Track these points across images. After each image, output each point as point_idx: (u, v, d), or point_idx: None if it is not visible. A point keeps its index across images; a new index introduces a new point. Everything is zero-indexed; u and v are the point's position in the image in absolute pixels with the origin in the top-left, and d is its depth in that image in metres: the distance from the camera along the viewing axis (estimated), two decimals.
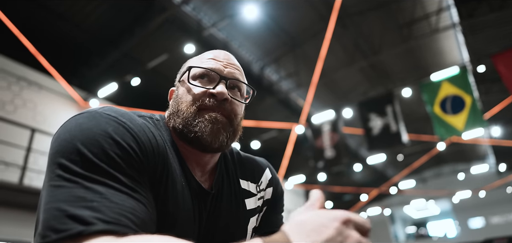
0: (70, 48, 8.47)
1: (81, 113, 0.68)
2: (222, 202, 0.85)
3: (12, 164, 6.65)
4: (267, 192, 0.99)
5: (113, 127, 0.65)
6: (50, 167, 0.60)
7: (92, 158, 0.59)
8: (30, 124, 7.28)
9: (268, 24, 8.88)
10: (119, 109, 0.71)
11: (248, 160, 1.00)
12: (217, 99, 0.80)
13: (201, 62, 0.87)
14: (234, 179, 0.92)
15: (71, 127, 0.64)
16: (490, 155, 17.48)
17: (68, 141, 0.61)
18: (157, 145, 0.72)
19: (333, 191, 18.79)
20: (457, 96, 7.93)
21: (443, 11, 8.75)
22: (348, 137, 14.11)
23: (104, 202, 0.54)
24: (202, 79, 0.84)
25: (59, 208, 0.53)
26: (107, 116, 0.66)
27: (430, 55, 10.56)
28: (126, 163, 0.62)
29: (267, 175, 1.00)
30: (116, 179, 0.59)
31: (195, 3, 7.98)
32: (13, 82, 7.54)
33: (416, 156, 16.05)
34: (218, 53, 0.90)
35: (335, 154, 9.21)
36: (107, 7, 7.63)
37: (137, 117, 0.74)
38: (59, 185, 0.56)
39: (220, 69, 0.85)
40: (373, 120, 8.83)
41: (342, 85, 11.64)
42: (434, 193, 20.35)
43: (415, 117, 12.78)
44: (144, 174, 0.66)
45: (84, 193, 0.54)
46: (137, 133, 0.68)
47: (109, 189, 0.56)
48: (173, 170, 0.75)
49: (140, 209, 0.58)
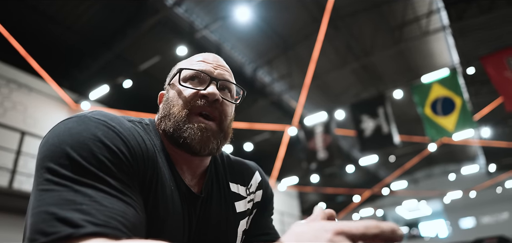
0: (61, 50, 8.38)
1: (70, 117, 0.68)
2: (211, 205, 0.85)
3: (2, 168, 6.55)
4: (257, 195, 0.99)
5: (103, 131, 0.64)
6: (39, 172, 0.60)
7: (82, 162, 0.58)
8: (20, 127, 7.18)
9: (261, 26, 8.90)
10: (108, 113, 0.71)
11: (238, 163, 1.00)
12: (209, 100, 0.81)
13: (191, 65, 0.87)
14: (224, 183, 0.92)
15: (60, 131, 0.64)
16: (480, 155, 17.72)
17: (56, 145, 0.61)
18: (146, 150, 0.72)
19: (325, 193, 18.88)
20: (447, 98, 8.04)
21: (433, 13, 8.86)
22: (341, 138, 14.19)
23: (94, 205, 0.53)
24: (193, 81, 0.84)
25: (48, 211, 0.52)
26: (96, 120, 0.66)
27: (421, 57, 10.68)
28: (116, 167, 0.62)
29: (256, 178, 1.00)
30: (106, 182, 0.58)
31: (188, 5, 7.96)
32: (2, 84, 7.44)
33: (407, 157, 16.20)
34: (208, 56, 0.90)
35: (328, 155, 9.26)
36: (99, 9, 7.58)
37: (126, 121, 0.74)
38: (47, 189, 0.56)
39: (210, 70, 0.85)
40: (365, 121, 8.90)
41: (334, 87, 11.71)
42: (425, 194, 20.56)
43: (407, 119, 12.91)
44: (134, 178, 0.65)
45: (74, 196, 0.54)
46: (127, 137, 0.68)
47: (99, 193, 0.56)
48: (162, 174, 0.75)
49: (130, 213, 0.58)
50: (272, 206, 1.06)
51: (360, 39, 9.62)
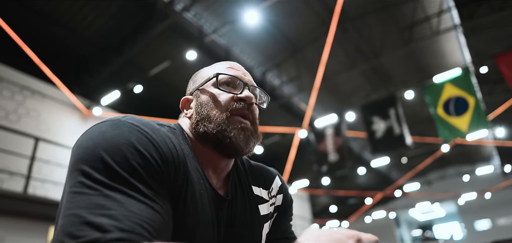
0: (73, 57, 8.53)
1: (104, 121, 0.69)
2: (237, 208, 0.87)
3: (16, 173, 6.68)
4: (278, 199, 1.01)
5: (136, 137, 0.66)
6: (72, 174, 0.61)
7: (115, 167, 0.60)
8: (34, 133, 7.31)
9: (269, 30, 8.91)
10: (141, 119, 0.73)
11: (258, 167, 1.03)
12: (246, 102, 0.85)
13: (223, 71, 0.91)
14: (247, 186, 0.94)
15: (94, 135, 0.65)
16: (495, 156, 17.38)
17: (91, 148, 0.62)
18: (177, 155, 0.73)
19: (337, 195, 18.72)
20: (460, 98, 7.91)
21: (443, 13, 8.75)
22: (352, 140, 14.07)
23: (123, 210, 0.55)
24: (227, 85, 0.88)
25: (78, 214, 0.54)
26: (130, 125, 0.68)
27: (432, 57, 10.55)
28: (147, 173, 0.63)
29: (277, 182, 1.03)
30: (136, 188, 0.60)
31: (196, 10, 8.02)
32: (16, 91, 7.60)
33: (420, 159, 15.98)
34: (233, 63, 0.95)
35: (339, 157, 9.19)
36: (109, 16, 7.69)
37: (157, 126, 0.75)
38: (80, 191, 0.57)
39: (241, 76, 0.91)
40: (376, 123, 8.82)
41: (344, 89, 11.63)
42: (439, 196, 20.23)
43: (418, 119, 12.74)
44: (164, 184, 0.67)
45: (104, 201, 0.55)
46: (159, 143, 0.69)
47: (128, 198, 0.57)
48: (192, 179, 0.76)
49: (158, 220, 0.59)
50: (292, 211, 1.08)
51: (370, 41, 9.55)
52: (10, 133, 6.69)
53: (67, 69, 8.43)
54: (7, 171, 6.69)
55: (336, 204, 20.41)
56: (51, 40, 7.93)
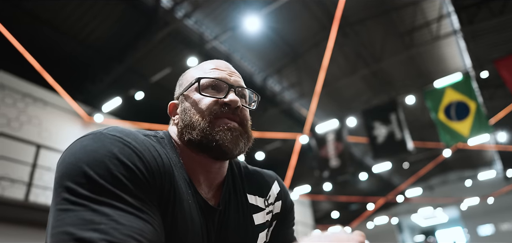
0: (74, 64, 8.56)
1: (86, 135, 0.68)
2: (229, 218, 0.84)
3: (18, 181, 6.68)
4: (275, 206, 0.97)
5: (119, 148, 0.64)
6: (57, 191, 0.60)
7: (99, 180, 0.59)
8: (36, 140, 7.33)
9: (270, 36, 8.94)
10: (123, 129, 0.71)
11: (256, 173, 0.99)
12: (231, 107, 0.81)
13: (204, 73, 0.87)
14: (241, 194, 0.91)
15: (76, 149, 0.64)
16: (497, 160, 17.31)
17: (73, 163, 0.61)
18: (163, 164, 0.71)
19: (338, 201, 18.66)
20: (461, 102, 7.91)
21: (443, 18, 8.77)
22: (353, 146, 14.05)
23: (112, 224, 0.54)
24: (211, 89, 0.84)
25: (67, 231, 0.53)
26: (112, 137, 0.66)
27: (432, 62, 10.56)
28: (133, 184, 0.62)
29: (275, 189, 0.99)
30: (123, 200, 0.58)
31: (197, 17, 8.06)
32: (18, 99, 7.62)
33: (422, 164, 15.94)
34: (219, 63, 0.91)
35: (340, 163, 9.18)
36: (111, 24, 7.73)
37: (141, 135, 0.73)
38: (66, 208, 0.56)
39: (226, 78, 0.86)
40: (377, 128, 8.81)
41: (345, 94, 11.64)
42: (441, 201, 20.13)
43: (420, 124, 12.72)
44: (151, 194, 0.65)
45: (92, 215, 0.54)
46: (143, 152, 0.67)
47: (116, 211, 0.56)
48: (179, 188, 0.74)
49: (148, 230, 0.58)
50: (293, 216, 1.05)
51: (370, 46, 9.57)
52: (12, 141, 6.70)
53: (68, 76, 8.46)
54: (9, 179, 6.69)
55: (338, 209, 20.31)
56: (53, 47, 7.97)
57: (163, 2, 7.43)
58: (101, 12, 7.46)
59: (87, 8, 7.30)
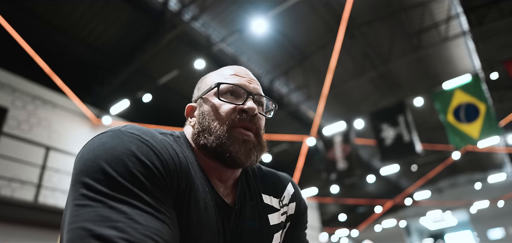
0: (83, 67, 8.65)
1: (104, 132, 0.69)
2: (245, 217, 0.84)
3: (28, 182, 6.76)
4: (290, 207, 0.97)
5: (137, 146, 0.65)
6: (74, 187, 0.61)
7: (117, 177, 0.59)
8: (45, 142, 7.41)
9: (277, 38, 8.94)
10: (141, 127, 0.72)
11: (270, 174, 0.99)
12: (248, 114, 0.81)
13: (225, 79, 0.87)
14: (256, 194, 0.91)
15: (94, 146, 0.64)
16: (507, 163, 17.05)
17: (92, 160, 0.61)
18: (179, 163, 0.71)
19: (346, 204, 18.54)
20: (470, 104, 7.81)
21: (452, 19, 8.69)
22: (360, 148, 13.96)
23: (130, 222, 0.54)
24: (229, 95, 0.84)
25: (85, 227, 0.53)
26: (130, 135, 0.67)
27: (441, 63, 10.45)
28: (150, 182, 0.62)
29: (289, 190, 0.99)
30: (141, 198, 0.59)
31: (204, 19, 8.10)
32: (28, 101, 7.73)
33: (430, 166, 15.76)
34: (239, 69, 0.91)
35: (348, 165, 9.12)
36: (119, 27, 7.81)
37: (159, 134, 0.74)
38: (83, 204, 0.57)
39: (245, 85, 0.86)
40: (385, 130, 8.74)
41: (353, 96, 11.58)
42: (450, 204, 19.89)
43: (428, 127, 12.60)
44: (168, 192, 0.66)
45: (109, 213, 0.55)
46: (160, 151, 0.68)
47: (133, 209, 0.57)
48: (196, 187, 0.74)
49: (165, 230, 0.58)
50: (306, 219, 1.04)
51: (377, 48, 9.51)
52: (22, 143, 6.79)
53: (77, 79, 8.56)
54: (19, 180, 6.77)
55: (345, 212, 20.18)
56: (62, 50, 8.07)
57: (170, 5, 7.48)
58: (109, 15, 7.54)
59: (95, 12, 7.39)
